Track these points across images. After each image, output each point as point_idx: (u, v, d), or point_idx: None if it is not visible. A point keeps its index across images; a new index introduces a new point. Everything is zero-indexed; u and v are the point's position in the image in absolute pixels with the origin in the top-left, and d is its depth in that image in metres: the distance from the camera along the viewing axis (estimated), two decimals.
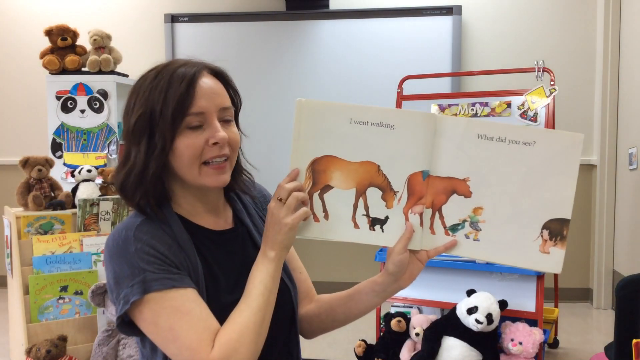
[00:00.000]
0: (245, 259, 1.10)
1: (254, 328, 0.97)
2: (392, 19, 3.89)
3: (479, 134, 1.04)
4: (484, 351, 2.29)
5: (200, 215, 1.09)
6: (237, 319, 0.98)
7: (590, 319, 3.70)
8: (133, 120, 1.01)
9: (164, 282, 0.96)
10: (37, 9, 4.28)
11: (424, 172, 1.05)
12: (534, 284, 2.46)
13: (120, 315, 0.97)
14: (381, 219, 1.07)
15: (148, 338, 1.00)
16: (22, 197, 2.52)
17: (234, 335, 0.95)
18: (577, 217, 3.94)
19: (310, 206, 1.07)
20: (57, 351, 2.20)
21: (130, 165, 1.02)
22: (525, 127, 1.05)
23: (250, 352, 0.96)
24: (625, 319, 2.10)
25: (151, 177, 1.01)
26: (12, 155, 4.20)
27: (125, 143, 1.06)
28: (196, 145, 1.00)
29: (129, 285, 0.95)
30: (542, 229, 1.05)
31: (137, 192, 1.02)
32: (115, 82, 3.53)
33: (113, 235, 1.02)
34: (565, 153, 1.03)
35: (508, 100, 2.81)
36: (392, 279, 1.10)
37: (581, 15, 3.87)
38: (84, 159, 3.47)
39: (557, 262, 1.05)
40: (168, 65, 1.04)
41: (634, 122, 3.52)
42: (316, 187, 1.07)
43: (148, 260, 0.97)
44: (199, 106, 1.00)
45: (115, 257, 0.99)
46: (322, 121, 1.05)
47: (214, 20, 4.04)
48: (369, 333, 2.90)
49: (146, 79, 1.03)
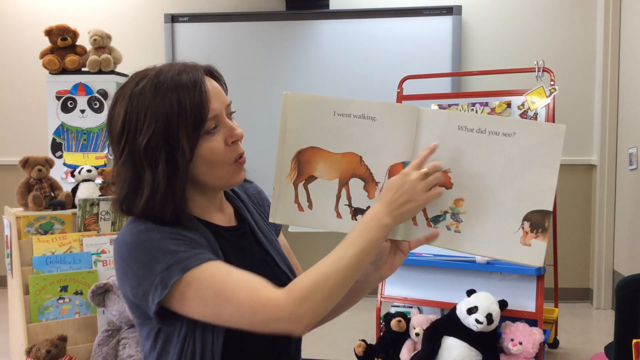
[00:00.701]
0: (253, 256, 1.11)
1: (332, 284, 0.94)
2: (392, 19, 3.89)
3: (460, 125, 1.04)
4: (484, 351, 2.30)
5: (211, 214, 1.10)
6: (318, 269, 0.95)
7: (590, 319, 3.70)
8: (144, 140, 0.95)
9: (198, 257, 0.95)
10: (37, 9, 4.28)
11: (405, 163, 1.06)
12: (534, 284, 2.46)
13: (157, 302, 0.93)
14: (363, 209, 1.09)
15: (162, 336, 1.00)
16: (22, 197, 2.52)
17: (309, 285, 0.93)
18: (577, 217, 3.94)
19: (295, 196, 1.09)
20: (57, 351, 2.20)
21: (151, 189, 0.96)
22: (505, 118, 1.05)
23: (320, 307, 0.93)
24: (625, 319, 2.10)
25: (182, 192, 0.98)
26: (12, 155, 4.19)
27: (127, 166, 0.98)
28: (220, 147, 1.01)
29: (164, 269, 0.93)
30: (523, 221, 1.04)
31: (165, 212, 0.97)
32: (115, 82, 3.53)
33: (130, 231, 0.98)
34: (546, 144, 1.02)
35: (508, 100, 2.81)
36: (372, 268, 1.12)
37: (581, 15, 3.87)
38: (84, 159, 3.47)
39: (538, 254, 1.04)
40: (163, 74, 0.98)
41: (634, 122, 3.52)
42: (301, 177, 1.10)
43: (177, 242, 0.96)
44: (213, 109, 1.00)
45: (140, 248, 0.95)
46: (307, 113, 1.07)
47: (214, 20, 4.04)
48: (369, 333, 2.90)
49: (141, 97, 0.97)
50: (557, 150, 1.03)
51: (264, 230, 1.18)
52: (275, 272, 1.12)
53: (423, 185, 1.00)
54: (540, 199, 1.04)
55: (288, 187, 1.11)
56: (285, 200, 1.11)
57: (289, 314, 0.92)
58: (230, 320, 0.94)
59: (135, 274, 0.95)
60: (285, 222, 1.11)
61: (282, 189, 1.11)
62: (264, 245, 1.15)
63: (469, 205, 1.06)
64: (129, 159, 0.98)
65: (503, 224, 1.05)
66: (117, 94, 1.02)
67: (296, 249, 1.32)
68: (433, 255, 2.60)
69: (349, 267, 0.96)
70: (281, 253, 1.18)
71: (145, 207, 0.97)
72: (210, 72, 1.07)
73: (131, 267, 0.96)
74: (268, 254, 1.14)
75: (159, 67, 1.02)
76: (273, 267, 1.13)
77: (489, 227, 1.05)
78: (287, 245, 1.26)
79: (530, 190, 1.04)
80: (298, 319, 0.92)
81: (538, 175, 1.03)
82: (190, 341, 0.99)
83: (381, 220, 0.99)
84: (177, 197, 0.98)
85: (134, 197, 0.98)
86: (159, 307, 0.94)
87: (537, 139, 1.03)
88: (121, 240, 0.99)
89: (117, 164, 1.01)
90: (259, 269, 1.06)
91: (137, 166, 0.98)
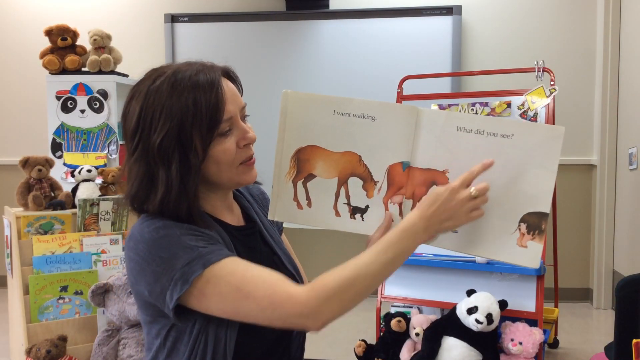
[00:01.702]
0: (261, 256, 1.11)
1: (358, 288, 0.93)
2: (392, 19, 3.89)
3: (458, 126, 1.04)
4: (484, 351, 2.29)
5: (222, 212, 1.10)
6: (346, 271, 0.94)
7: (590, 319, 3.69)
8: (158, 138, 0.95)
9: (217, 253, 0.95)
10: (37, 9, 4.28)
11: (404, 163, 1.06)
12: (534, 284, 2.46)
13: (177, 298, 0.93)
14: (362, 208, 1.10)
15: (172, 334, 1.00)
16: (22, 197, 2.52)
17: (334, 285, 0.92)
18: (577, 217, 3.94)
19: (294, 194, 1.10)
20: (57, 351, 2.20)
21: (166, 188, 0.96)
22: (504, 120, 1.06)
23: (342, 309, 0.93)
24: (625, 319, 2.10)
25: (195, 191, 0.98)
26: (12, 155, 4.20)
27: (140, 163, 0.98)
28: (232, 149, 1.01)
29: (184, 264, 0.93)
30: (520, 223, 1.04)
31: (180, 210, 0.98)
32: (115, 82, 3.53)
33: (148, 228, 0.97)
34: (544, 146, 1.02)
35: (508, 100, 2.80)
36: None
37: (581, 15, 3.87)
38: (84, 159, 3.47)
39: (534, 256, 1.04)
40: (180, 73, 0.98)
41: (634, 122, 3.52)
42: (300, 175, 1.10)
43: (196, 238, 0.96)
44: (228, 111, 1.00)
45: (159, 245, 0.95)
46: (307, 112, 1.08)
47: (214, 20, 4.04)
48: (369, 333, 2.90)
49: (157, 94, 0.97)
50: (556, 151, 1.02)
51: (270, 231, 1.18)
52: (281, 272, 1.12)
53: (469, 207, 0.99)
54: (537, 200, 1.03)
55: (287, 185, 1.11)
56: (284, 198, 1.11)
57: (309, 310, 0.91)
58: (249, 315, 0.94)
59: (154, 270, 0.95)
60: (284, 219, 1.12)
61: (281, 187, 1.11)
62: (271, 246, 1.15)
63: None
64: (142, 156, 0.98)
65: (500, 225, 1.05)
66: (133, 90, 1.01)
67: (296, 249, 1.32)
68: (433, 255, 2.60)
69: (377, 273, 0.95)
70: (287, 253, 1.19)
71: (160, 205, 0.97)
72: (228, 73, 1.07)
73: (149, 263, 0.95)
74: (275, 254, 1.15)
75: (176, 65, 1.01)
76: (280, 267, 1.14)
77: (486, 228, 1.05)
78: (288, 244, 1.26)
79: (528, 191, 1.03)
80: (317, 316, 0.92)
81: (536, 177, 1.03)
82: (202, 339, 0.98)
83: (417, 232, 0.98)
84: (190, 196, 0.97)
85: (147, 194, 0.98)
86: (177, 303, 0.94)
87: (535, 140, 1.02)
88: (137, 238, 0.98)
89: (130, 160, 1.00)
90: None
91: (150, 164, 0.97)
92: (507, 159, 1.03)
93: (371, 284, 0.95)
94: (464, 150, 1.04)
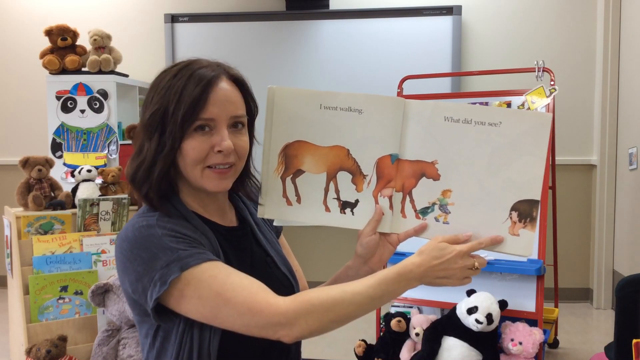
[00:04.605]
0: (253, 256, 1.11)
1: (338, 313, 0.94)
2: (392, 19, 3.89)
3: (446, 116, 1.04)
4: (484, 351, 2.29)
5: (211, 212, 1.10)
6: (332, 292, 0.95)
7: (590, 319, 3.70)
8: (148, 115, 1.01)
9: (197, 256, 0.95)
10: (37, 9, 4.28)
11: (393, 155, 1.06)
12: (534, 284, 2.46)
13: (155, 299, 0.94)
14: (351, 202, 1.09)
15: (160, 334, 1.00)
16: (22, 197, 2.52)
17: (316, 302, 0.93)
18: (577, 217, 3.94)
19: (283, 190, 1.10)
20: (57, 351, 2.20)
21: (142, 159, 1.02)
22: (491, 108, 1.05)
23: (317, 327, 0.93)
24: (625, 319, 2.10)
25: (158, 173, 1.01)
26: (12, 155, 4.20)
27: (141, 134, 1.05)
28: (201, 148, 1.00)
29: (163, 266, 0.94)
30: (511, 211, 1.04)
31: (144, 185, 1.02)
32: (115, 82, 3.53)
33: (132, 227, 1.00)
34: (532, 133, 1.02)
35: (508, 100, 2.80)
36: (361, 261, 1.13)
37: (581, 15, 3.87)
38: (84, 159, 3.47)
39: (527, 244, 1.04)
40: (189, 65, 1.03)
41: (634, 122, 3.52)
42: (288, 171, 1.10)
43: (177, 240, 0.97)
44: (210, 112, 1.00)
45: (140, 245, 0.97)
46: (293, 107, 1.07)
47: (214, 20, 4.04)
48: (369, 333, 2.90)
49: (166, 75, 1.03)
50: (544, 138, 1.02)
51: (264, 232, 1.18)
52: (274, 273, 1.12)
53: (466, 274, 1.01)
54: (527, 188, 1.03)
55: (276, 181, 1.10)
56: (274, 195, 1.11)
57: (285, 320, 0.92)
58: (227, 320, 0.94)
59: (135, 269, 0.96)
60: (273, 216, 1.12)
61: (269, 184, 1.11)
62: (264, 247, 1.15)
63: (456, 197, 1.06)
64: (140, 127, 1.05)
65: (491, 214, 1.04)
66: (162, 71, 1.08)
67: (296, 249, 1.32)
68: None
69: (361, 304, 0.96)
70: (281, 254, 1.18)
71: (133, 172, 1.03)
72: (237, 79, 1.06)
73: (131, 262, 0.97)
74: (268, 255, 1.14)
75: (197, 58, 1.06)
76: (273, 268, 1.13)
77: (477, 218, 1.05)
78: (287, 246, 1.26)
79: (518, 179, 1.03)
80: (292, 327, 0.92)
81: (525, 165, 1.03)
82: (187, 339, 0.99)
83: (412, 280, 0.99)
84: (153, 176, 1.01)
85: (134, 160, 1.04)
86: (156, 303, 0.95)
87: (523, 128, 1.02)
88: (123, 236, 1.00)
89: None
90: (258, 270, 1.06)
91: (142, 135, 1.04)
92: (496, 147, 1.03)
93: (353, 313, 0.95)
94: (452, 141, 1.04)
